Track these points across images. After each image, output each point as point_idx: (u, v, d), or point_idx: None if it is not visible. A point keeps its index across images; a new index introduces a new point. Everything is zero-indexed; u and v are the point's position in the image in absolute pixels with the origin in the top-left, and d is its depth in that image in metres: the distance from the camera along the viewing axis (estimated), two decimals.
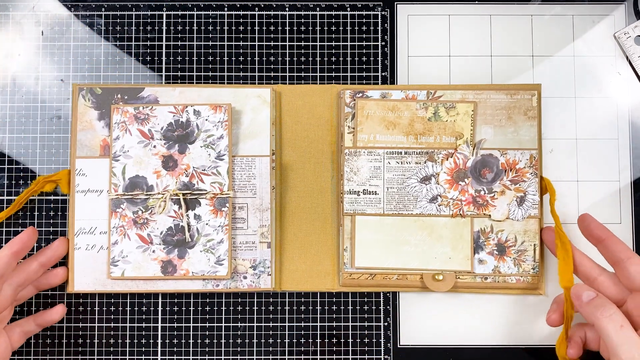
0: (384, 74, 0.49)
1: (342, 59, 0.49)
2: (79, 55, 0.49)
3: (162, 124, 0.47)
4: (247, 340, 0.48)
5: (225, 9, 0.50)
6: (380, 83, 0.49)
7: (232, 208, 0.47)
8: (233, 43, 0.50)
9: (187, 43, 0.50)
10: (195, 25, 0.50)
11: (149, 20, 0.50)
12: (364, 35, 0.50)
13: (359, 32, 0.50)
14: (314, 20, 0.50)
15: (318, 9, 0.50)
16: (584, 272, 0.42)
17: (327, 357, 0.48)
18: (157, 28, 0.50)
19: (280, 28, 0.50)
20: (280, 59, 0.50)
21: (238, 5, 0.50)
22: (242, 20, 0.50)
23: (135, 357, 0.48)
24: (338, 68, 0.49)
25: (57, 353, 0.47)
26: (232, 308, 0.48)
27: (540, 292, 0.47)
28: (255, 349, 0.48)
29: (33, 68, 0.49)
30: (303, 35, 0.50)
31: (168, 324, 0.48)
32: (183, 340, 0.48)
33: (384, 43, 0.50)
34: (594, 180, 0.48)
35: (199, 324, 0.48)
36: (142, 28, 0.50)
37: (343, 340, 0.48)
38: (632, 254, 0.40)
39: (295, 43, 0.50)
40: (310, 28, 0.50)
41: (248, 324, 0.48)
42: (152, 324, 0.48)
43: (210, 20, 0.50)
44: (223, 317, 0.48)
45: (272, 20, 0.50)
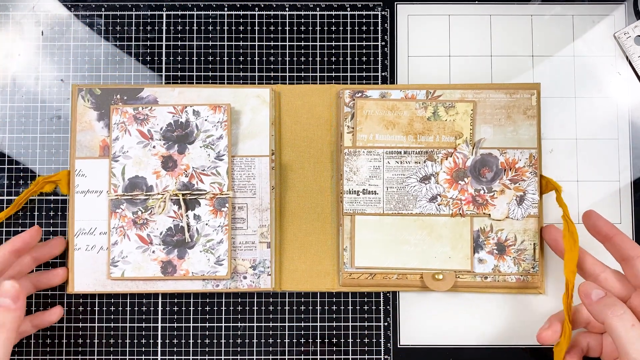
0: (384, 74, 0.49)
1: (341, 59, 0.49)
2: (79, 55, 0.49)
3: (161, 125, 0.47)
4: (247, 340, 0.48)
5: (225, 9, 0.50)
6: (380, 83, 0.49)
7: (231, 208, 0.47)
8: (233, 43, 0.50)
9: (187, 43, 0.50)
10: (195, 25, 0.50)
11: (149, 20, 0.50)
12: (364, 35, 0.50)
13: (359, 32, 0.50)
14: (314, 20, 0.50)
15: (318, 9, 0.50)
16: (588, 268, 0.42)
17: (327, 357, 0.47)
18: (157, 28, 0.50)
19: (280, 28, 0.50)
20: (280, 59, 0.50)
21: (238, 5, 0.50)
22: (242, 20, 0.50)
23: (135, 357, 0.48)
24: (338, 68, 0.49)
25: (57, 353, 0.47)
26: (232, 308, 0.48)
27: (540, 291, 0.47)
28: (255, 349, 0.48)
29: (33, 68, 0.49)
30: (303, 35, 0.50)
31: (168, 324, 0.48)
32: (183, 341, 0.48)
33: (384, 43, 0.50)
34: (594, 180, 0.48)
35: (199, 324, 0.48)
36: (142, 28, 0.50)
37: (343, 340, 0.48)
38: None
39: (295, 43, 0.50)
40: (310, 28, 0.50)
41: (248, 324, 0.48)
42: (152, 324, 0.48)
43: (210, 20, 0.50)
44: (223, 317, 0.48)
45: (272, 20, 0.50)
